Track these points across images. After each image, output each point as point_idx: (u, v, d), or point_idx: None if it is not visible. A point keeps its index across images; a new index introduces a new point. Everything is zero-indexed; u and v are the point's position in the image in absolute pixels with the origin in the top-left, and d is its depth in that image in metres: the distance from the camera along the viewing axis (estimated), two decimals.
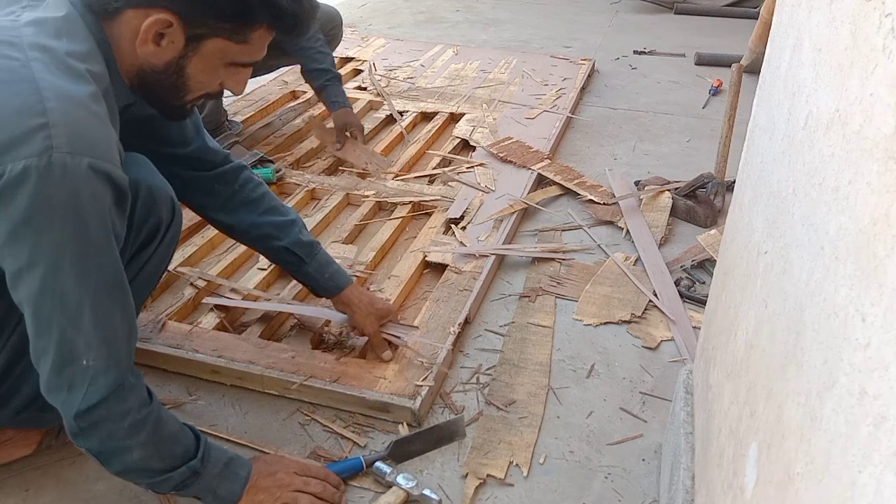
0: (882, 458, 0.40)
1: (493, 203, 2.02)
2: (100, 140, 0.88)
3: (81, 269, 0.89)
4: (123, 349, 0.95)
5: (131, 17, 0.95)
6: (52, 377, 0.91)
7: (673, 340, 1.56)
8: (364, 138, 2.36)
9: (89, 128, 0.87)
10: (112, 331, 0.93)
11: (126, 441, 0.95)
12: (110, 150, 0.90)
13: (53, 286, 0.87)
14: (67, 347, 0.90)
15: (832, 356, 0.50)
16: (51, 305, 0.88)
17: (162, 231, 1.18)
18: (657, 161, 2.42)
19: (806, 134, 0.66)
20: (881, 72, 0.47)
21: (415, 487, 1.17)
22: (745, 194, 0.94)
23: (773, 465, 0.60)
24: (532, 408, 1.36)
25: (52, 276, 0.87)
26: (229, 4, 0.97)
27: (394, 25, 4.02)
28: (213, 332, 1.48)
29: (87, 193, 0.86)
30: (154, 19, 0.94)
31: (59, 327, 0.89)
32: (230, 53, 1.02)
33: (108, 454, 0.96)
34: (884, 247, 0.43)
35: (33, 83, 0.84)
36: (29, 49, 0.87)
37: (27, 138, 0.82)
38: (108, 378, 0.92)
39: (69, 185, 0.84)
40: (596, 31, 3.96)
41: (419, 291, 1.72)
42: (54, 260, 0.87)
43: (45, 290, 0.87)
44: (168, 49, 0.98)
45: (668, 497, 1.08)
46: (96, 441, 0.95)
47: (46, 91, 0.84)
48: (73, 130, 0.84)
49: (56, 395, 0.92)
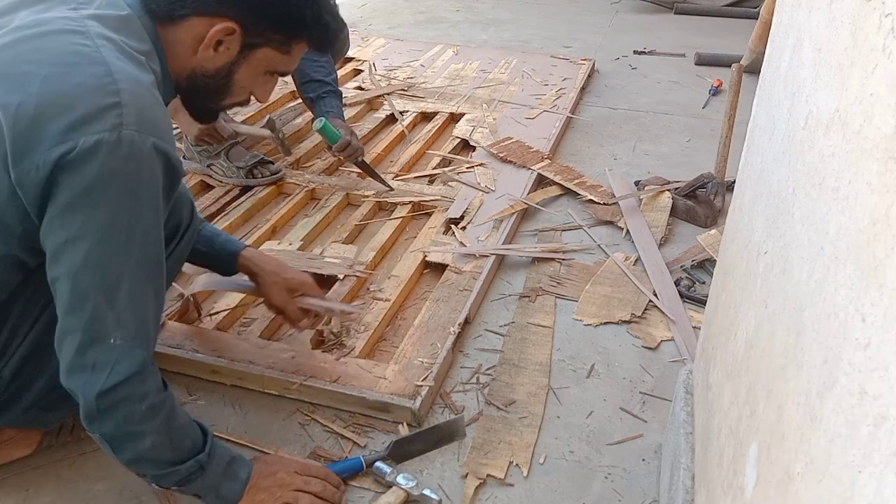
0: (882, 458, 0.40)
1: (493, 203, 2.02)
2: (163, 123, 0.94)
3: (128, 244, 0.92)
4: (152, 330, 0.97)
5: (196, 24, 1.01)
6: (76, 358, 0.92)
7: (673, 340, 1.56)
8: (362, 151, 2.08)
9: (154, 111, 0.93)
10: (144, 311, 0.95)
11: (141, 426, 0.95)
12: (170, 133, 0.96)
13: (98, 258, 0.90)
14: (98, 325, 0.91)
15: (832, 356, 0.50)
16: (90, 278, 0.90)
17: (181, 231, 1.21)
18: (657, 161, 2.42)
19: (806, 134, 0.66)
20: (881, 72, 0.47)
21: (415, 487, 1.17)
22: (745, 194, 0.94)
23: (773, 465, 0.60)
24: (532, 408, 1.36)
25: (97, 249, 0.90)
26: (287, 18, 1.05)
27: (394, 25, 4.02)
28: (213, 332, 1.48)
29: (147, 171, 0.91)
30: (221, 27, 1.01)
31: (93, 302, 0.90)
32: (273, 62, 1.09)
33: (122, 439, 0.96)
34: (884, 247, 0.43)
35: (105, 65, 0.90)
36: (96, 38, 0.93)
37: (101, 115, 0.87)
38: (135, 358, 0.93)
39: (134, 161, 0.89)
40: (596, 31, 3.96)
41: (419, 291, 1.72)
42: (104, 234, 0.90)
43: (88, 261, 0.89)
44: (223, 55, 1.05)
45: (668, 497, 1.08)
46: (112, 424, 0.95)
47: (118, 73, 0.90)
48: (141, 111, 0.90)
49: (78, 376, 0.93)
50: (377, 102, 2.77)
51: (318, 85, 2.12)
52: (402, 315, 1.64)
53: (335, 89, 2.13)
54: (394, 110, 2.69)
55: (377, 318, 1.56)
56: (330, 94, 2.12)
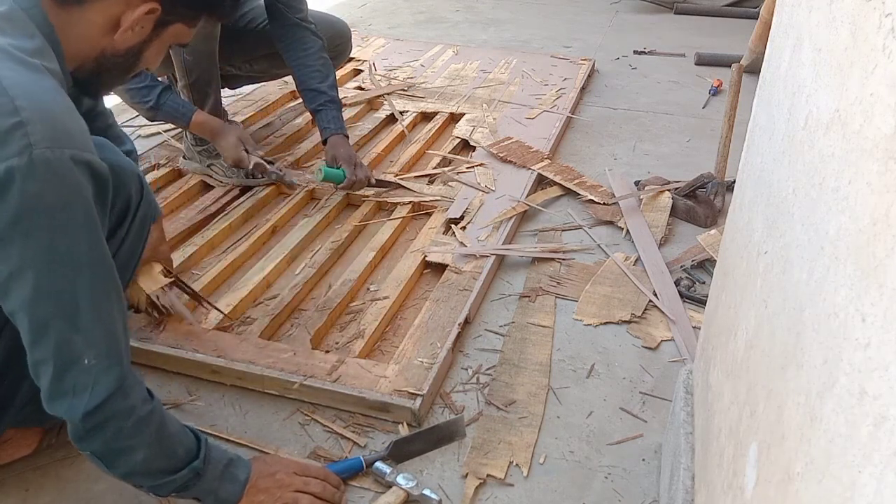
0: (882, 458, 0.40)
1: (493, 203, 2.02)
2: (76, 131, 0.87)
3: (73, 265, 0.87)
4: (123, 343, 0.95)
5: (110, 5, 0.95)
6: (55, 385, 0.90)
7: (673, 340, 1.56)
8: (365, 171, 2.04)
9: (64, 120, 0.86)
10: (111, 324, 0.92)
11: (131, 440, 0.94)
12: (87, 139, 0.89)
13: (48, 286, 0.86)
14: (67, 349, 0.89)
15: (832, 356, 0.50)
16: (45, 308, 0.87)
17: (133, 210, 1.16)
18: (657, 161, 2.42)
19: (806, 134, 0.66)
20: (881, 72, 0.47)
21: (415, 487, 1.17)
22: (745, 194, 0.94)
23: (773, 465, 0.60)
24: (532, 408, 1.36)
25: (44, 278, 0.85)
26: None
27: (394, 25, 4.02)
28: (213, 332, 1.48)
29: (72, 186, 0.85)
30: (147, 8, 0.96)
31: (56, 329, 0.87)
32: (179, 36, 1.06)
33: (113, 455, 0.96)
34: (884, 247, 0.43)
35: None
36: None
37: (4, 140, 0.80)
38: (112, 374, 0.91)
39: (54, 181, 0.83)
40: (596, 31, 3.96)
41: (419, 291, 1.72)
42: (46, 260, 0.85)
43: (39, 291, 0.86)
44: (137, 34, 1.00)
45: (668, 497, 1.08)
46: (101, 442, 0.93)
47: (13, 89, 0.82)
48: (49, 124, 0.83)
49: (60, 402, 0.91)
50: (377, 102, 2.77)
51: (314, 95, 2.07)
52: (402, 315, 1.64)
53: (332, 97, 2.07)
54: (394, 110, 2.69)
55: (377, 318, 1.56)
56: (327, 105, 2.06)
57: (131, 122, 2.50)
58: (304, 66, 2.07)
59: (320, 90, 2.06)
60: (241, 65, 2.31)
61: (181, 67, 1.98)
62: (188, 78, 2.01)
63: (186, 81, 2.01)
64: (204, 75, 2.02)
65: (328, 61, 2.12)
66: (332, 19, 2.39)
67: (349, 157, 2.02)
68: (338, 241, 1.85)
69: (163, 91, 1.97)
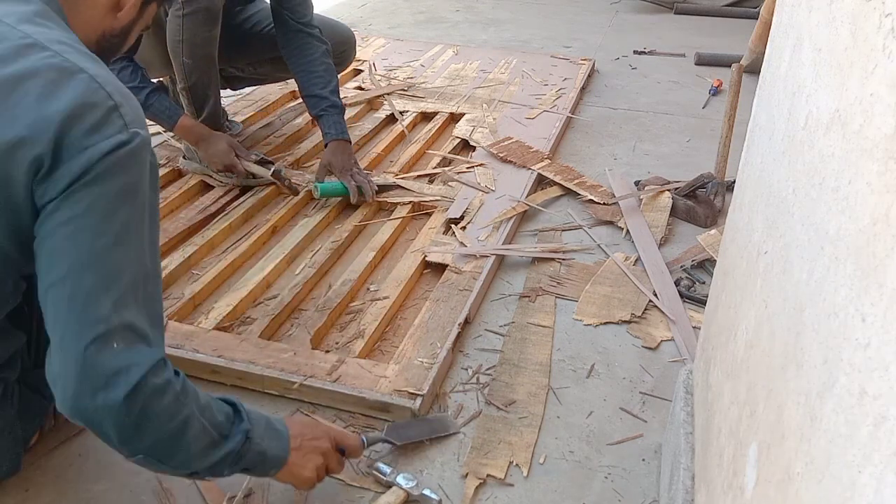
0: (882, 458, 0.40)
1: (493, 203, 2.02)
2: (142, 113, 0.96)
3: (138, 238, 0.92)
4: (162, 323, 0.96)
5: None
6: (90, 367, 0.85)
7: (673, 340, 1.56)
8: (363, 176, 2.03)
9: (135, 104, 0.94)
10: (159, 306, 0.95)
11: (178, 417, 0.89)
12: None
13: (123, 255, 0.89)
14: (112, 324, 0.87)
15: (832, 356, 0.50)
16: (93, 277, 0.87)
17: None
18: (657, 161, 2.42)
19: (806, 134, 0.66)
20: (881, 72, 0.47)
21: (415, 487, 1.16)
22: (745, 194, 0.94)
23: (773, 465, 0.60)
24: (532, 408, 1.36)
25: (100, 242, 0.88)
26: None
27: (394, 25, 4.02)
28: (213, 332, 1.48)
29: (151, 165, 0.93)
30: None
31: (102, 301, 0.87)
32: (149, 17, 1.11)
33: (165, 444, 0.89)
34: (884, 247, 0.43)
35: (83, 72, 0.90)
36: (50, 44, 0.91)
37: (106, 121, 0.88)
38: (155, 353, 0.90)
39: (143, 160, 0.91)
40: (596, 31, 3.96)
41: (419, 291, 1.72)
42: (125, 233, 0.89)
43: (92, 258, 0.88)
44: (129, 13, 1.05)
45: (668, 497, 1.08)
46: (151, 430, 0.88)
47: (98, 77, 0.90)
48: (131, 108, 0.92)
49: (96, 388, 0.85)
50: (377, 102, 2.77)
51: (316, 101, 2.07)
52: (402, 315, 1.64)
53: (333, 102, 2.07)
54: (394, 110, 2.69)
55: (377, 318, 1.56)
56: (329, 110, 2.06)
57: None
58: (308, 71, 2.07)
59: (322, 96, 2.07)
60: (244, 67, 2.31)
61: (181, 70, 1.99)
62: (187, 81, 2.01)
63: (186, 84, 2.01)
64: (203, 78, 2.02)
65: (331, 66, 2.12)
66: (336, 25, 2.39)
67: (343, 165, 2.01)
68: (338, 241, 1.85)
69: (153, 91, 1.97)
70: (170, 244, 1.82)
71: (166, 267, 1.69)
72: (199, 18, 1.93)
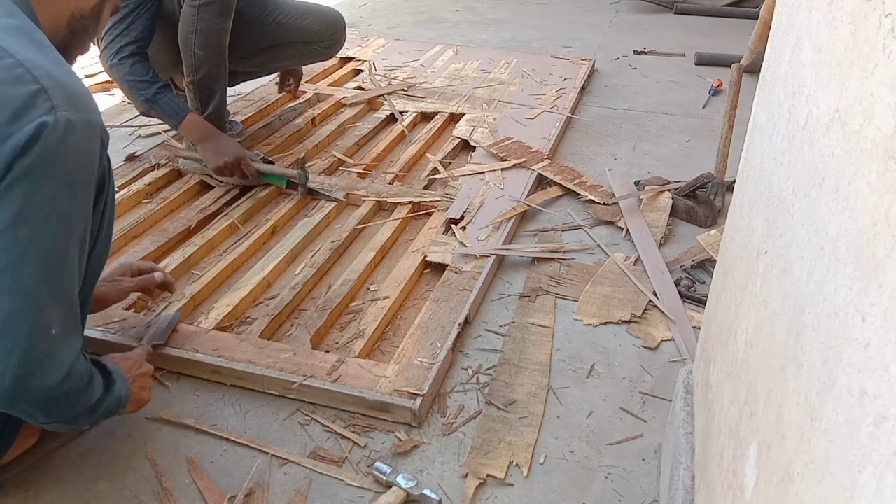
0: (882, 458, 0.40)
1: (493, 203, 2.02)
2: (88, 96, 0.94)
3: (66, 227, 0.93)
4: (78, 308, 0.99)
5: None
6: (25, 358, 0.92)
7: (673, 340, 1.56)
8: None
9: (75, 86, 0.93)
10: (73, 290, 0.97)
11: (87, 397, 1.03)
12: (96, 104, 0.97)
13: (37, 247, 0.90)
14: (43, 318, 0.92)
15: (832, 356, 0.50)
16: (32, 269, 0.90)
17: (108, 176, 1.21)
18: (657, 161, 2.42)
19: (806, 134, 0.66)
20: (881, 72, 0.47)
21: (415, 487, 1.16)
22: (745, 194, 0.94)
23: (773, 465, 0.60)
24: (532, 408, 1.36)
25: (39, 235, 0.90)
26: None
27: (394, 25, 4.02)
28: (213, 332, 1.48)
29: (86, 148, 0.92)
30: None
31: (38, 294, 0.91)
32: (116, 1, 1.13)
33: (75, 417, 1.04)
34: (884, 247, 0.43)
35: (11, 57, 0.90)
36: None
37: (31, 104, 0.88)
38: (75, 342, 0.96)
39: (73, 141, 0.90)
40: (596, 31, 3.96)
41: (419, 291, 1.72)
42: (44, 217, 0.90)
43: (29, 251, 0.89)
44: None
45: (668, 497, 1.08)
46: (66, 408, 1.01)
47: (27, 62, 0.90)
48: (65, 90, 0.91)
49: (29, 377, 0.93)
50: (377, 102, 2.77)
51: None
52: (402, 315, 1.64)
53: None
54: (394, 110, 2.69)
55: (377, 318, 1.56)
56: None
57: (131, 123, 2.50)
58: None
59: None
60: (237, 60, 2.31)
61: (190, 62, 1.99)
62: (196, 74, 2.01)
63: (194, 77, 2.01)
64: (212, 72, 2.02)
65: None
66: (323, 9, 2.41)
67: None
68: (338, 241, 1.85)
69: (161, 87, 1.97)
70: (170, 244, 1.82)
71: (166, 267, 1.69)
72: (214, 9, 1.93)
